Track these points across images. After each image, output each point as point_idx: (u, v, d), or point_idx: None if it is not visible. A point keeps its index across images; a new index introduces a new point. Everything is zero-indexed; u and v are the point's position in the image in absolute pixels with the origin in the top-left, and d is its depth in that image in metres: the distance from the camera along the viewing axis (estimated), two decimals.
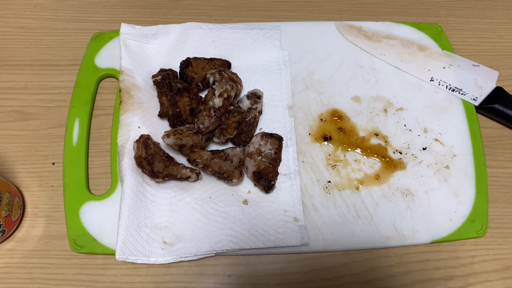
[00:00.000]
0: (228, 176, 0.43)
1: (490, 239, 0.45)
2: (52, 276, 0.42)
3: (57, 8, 0.56)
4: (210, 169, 0.43)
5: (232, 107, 0.44)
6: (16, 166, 0.46)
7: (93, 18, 0.56)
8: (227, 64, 0.49)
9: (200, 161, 0.42)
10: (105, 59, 0.51)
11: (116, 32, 0.52)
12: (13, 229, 0.43)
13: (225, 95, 0.43)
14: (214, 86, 0.43)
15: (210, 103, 0.43)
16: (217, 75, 0.44)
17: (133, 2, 0.57)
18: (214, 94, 0.43)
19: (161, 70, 0.46)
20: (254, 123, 0.46)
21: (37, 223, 0.44)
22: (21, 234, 0.44)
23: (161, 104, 0.46)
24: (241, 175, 0.43)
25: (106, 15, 0.56)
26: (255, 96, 0.46)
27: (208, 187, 0.44)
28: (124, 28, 0.51)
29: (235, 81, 0.45)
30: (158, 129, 0.47)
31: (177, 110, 0.44)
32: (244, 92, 0.48)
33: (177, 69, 0.48)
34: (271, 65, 0.51)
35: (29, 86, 0.51)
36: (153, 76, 0.46)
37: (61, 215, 0.44)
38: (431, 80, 0.51)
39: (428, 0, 0.59)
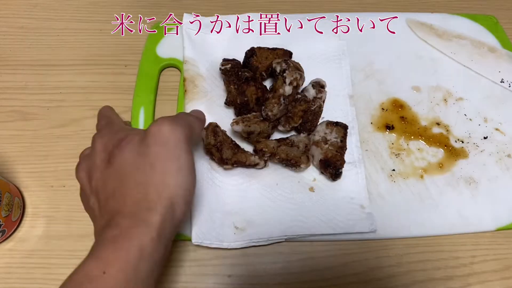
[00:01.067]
0: (296, 162, 0.43)
1: (490, 239, 0.45)
2: (53, 276, 0.42)
3: (57, 8, 0.56)
4: (278, 156, 0.43)
5: (298, 96, 0.45)
6: (16, 166, 0.46)
7: (93, 18, 0.56)
8: (289, 54, 0.49)
9: (266, 150, 0.43)
10: (166, 49, 0.52)
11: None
12: (13, 229, 0.43)
13: (295, 84, 0.43)
14: (285, 74, 0.43)
15: (281, 90, 0.43)
16: (283, 64, 0.44)
17: (133, 2, 0.57)
18: (284, 82, 0.43)
19: (225, 60, 0.47)
20: (319, 112, 0.46)
21: (37, 223, 0.44)
22: (21, 234, 0.44)
23: (229, 92, 0.47)
24: (308, 160, 0.44)
25: (106, 15, 0.56)
26: (319, 85, 0.46)
27: (274, 174, 0.45)
28: (187, 18, 0.52)
29: (301, 70, 0.46)
30: (223, 117, 0.47)
31: (245, 99, 0.45)
32: (304, 82, 0.48)
33: (238, 59, 0.48)
34: (330, 55, 0.52)
35: (29, 86, 0.51)
36: (222, 65, 0.46)
37: (61, 215, 0.44)
38: (502, 81, 0.52)
39: None
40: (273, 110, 0.43)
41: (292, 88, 0.43)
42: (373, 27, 0.55)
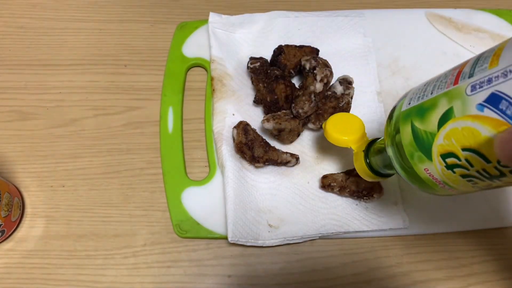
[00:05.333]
0: (368, 192, 0.43)
1: (490, 239, 0.45)
2: (52, 276, 0.42)
3: (56, 8, 0.56)
4: (348, 189, 0.43)
5: (328, 93, 0.45)
6: (16, 166, 0.46)
7: (93, 18, 0.55)
8: (316, 51, 0.50)
9: (335, 184, 0.43)
10: (192, 48, 0.52)
11: (200, 22, 0.54)
12: (13, 229, 0.43)
13: (325, 81, 0.43)
14: (315, 71, 0.44)
15: (311, 87, 0.43)
16: (313, 61, 0.44)
17: (133, 1, 0.57)
18: (315, 79, 0.43)
19: (252, 58, 0.48)
20: (347, 108, 0.46)
21: (37, 224, 0.44)
22: (20, 235, 0.44)
23: (258, 90, 0.47)
24: (381, 189, 0.43)
25: (106, 14, 0.56)
26: (346, 82, 0.46)
27: (305, 173, 0.45)
28: (212, 17, 0.52)
29: (329, 67, 0.46)
30: (252, 116, 0.48)
31: (275, 97, 0.45)
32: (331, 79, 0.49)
33: (265, 57, 0.49)
34: (356, 51, 0.52)
35: (29, 86, 0.51)
36: (251, 63, 0.47)
37: (61, 215, 0.44)
38: None
39: None
40: (304, 107, 0.44)
41: (323, 85, 0.43)
42: (396, 24, 0.55)
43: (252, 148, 0.43)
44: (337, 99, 0.45)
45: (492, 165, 0.24)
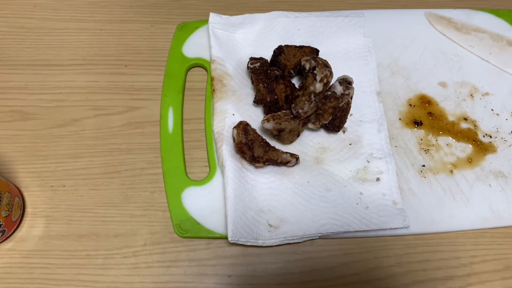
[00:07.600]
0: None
1: (490, 239, 0.45)
2: (52, 276, 0.42)
3: (57, 8, 0.56)
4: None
5: (328, 93, 0.46)
6: (16, 166, 0.46)
7: (93, 18, 0.56)
8: (316, 52, 0.50)
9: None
10: (192, 48, 0.52)
11: (200, 22, 0.54)
12: (13, 229, 0.43)
13: (325, 81, 0.44)
14: (315, 72, 0.44)
15: (311, 88, 0.44)
16: (313, 62, 0.45)
17: (133, 2, 0.57)
18: (315, 79, 0.43)
19: (252, 59, 0.48)
20: (347, 108, 0.47)
21: (37, 223, 0.44)
22: (21, 234, 0.44)
23: (258, 90, 0.47)
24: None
25: (106, 14, 0.56)
26: (346, 82, 0.47)
27: (305, 172, 0.45)
28: (213, 17, 0.52)
29: (329, 67, 0.46)
30: (252, 116, 0.48)
31: (275, 97, 0.45)
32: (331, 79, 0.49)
33: (265, 57, 0.49)
34: (356, 51, 0.52)
35: (29, 86, 0.51)
36: (251, 64, 0.47)
37: (61, 215, 0.44)
38: None
39: None
40: (304, 107, 0.44)
41: (323, 85, 0.44)
42: (396, 24, 0.55)
43: (252, 148, 0.43)
44: (337, 99, 0.45)
45: None
